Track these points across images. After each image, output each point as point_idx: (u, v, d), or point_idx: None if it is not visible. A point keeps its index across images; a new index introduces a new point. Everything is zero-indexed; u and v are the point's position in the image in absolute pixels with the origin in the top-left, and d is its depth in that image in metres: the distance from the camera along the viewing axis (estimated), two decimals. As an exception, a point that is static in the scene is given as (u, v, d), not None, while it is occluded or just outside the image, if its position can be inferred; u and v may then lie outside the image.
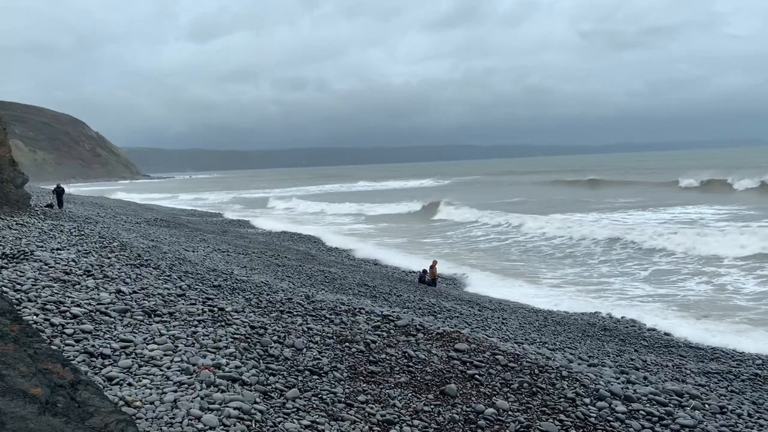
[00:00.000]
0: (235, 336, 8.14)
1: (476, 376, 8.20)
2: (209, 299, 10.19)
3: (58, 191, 28.55)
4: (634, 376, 9.45)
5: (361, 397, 7.03)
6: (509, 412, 7.27)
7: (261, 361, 7.43)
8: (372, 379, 7.68)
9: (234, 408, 5.85)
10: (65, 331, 7.29)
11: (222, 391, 6.23)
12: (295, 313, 10.15)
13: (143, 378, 6.33)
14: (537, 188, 78.61)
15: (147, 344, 7.31)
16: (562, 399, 7.81)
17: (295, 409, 6.35)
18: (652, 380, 9.52)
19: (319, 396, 6.84)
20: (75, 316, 7.89)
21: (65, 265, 11.11)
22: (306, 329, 9.13)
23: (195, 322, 8.53)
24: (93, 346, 6.96)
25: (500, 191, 74.87)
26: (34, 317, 7.57)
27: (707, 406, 8.35)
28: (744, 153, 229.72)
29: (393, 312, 11.55)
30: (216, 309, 9.40)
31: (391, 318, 10.54)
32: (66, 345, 6.90)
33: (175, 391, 6.06)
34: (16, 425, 2.92)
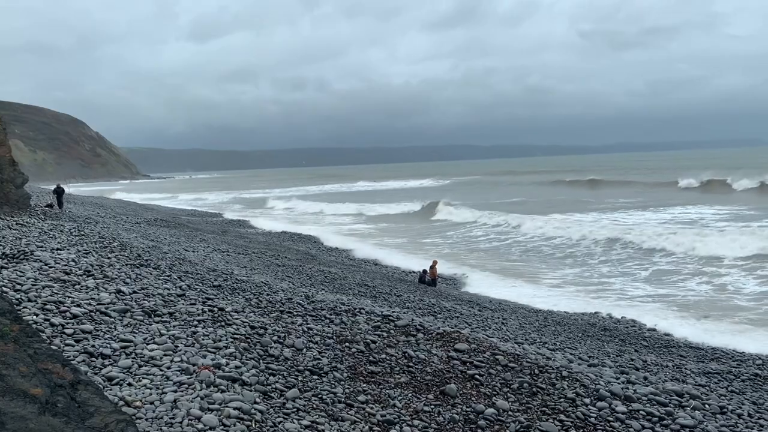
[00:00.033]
0: (235, 336, 8.14)
1: (476, 376, 8.20)
2: (209, 299, 10.19)
3: (58, 191, 28.56)
4: (635, 377, 9.45)
5: (361, 397, 7.03)
6: (509, 412, 7.27)
7: (261, 361, 7.43)
8: (372, 380, 7.68)
9: (234, 408, 5.85)
10: (65, 331, 7.30)
11: (222, 391, 6.23)
12: (295, 313, 10.15)
13: (143, 378, 6.33)
14: (537, 188, 78.63)
15: (147, 344, 7.32)
16: (563, 399, 7.81)
17: (295, 409, 6.35)
18: (653, 380, 9.51)
19: (319, 396, 6.84)
20: (75, 316, 7.89)
21: (65, 265, 11.10)
22: (306, 329, 9.13)
23: (195, 322, 8.53)
24: (93, 346, 6.96)
25: (500, 191, 74.89)
26: (34, 317, 7.57)
27: (707, 407, 8.34)
28: (744, 153, 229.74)
29: (393, 312, 11.55)
30: (216, 309, 9.40)
31: (391, 318, 10.54)
32: (66, 345, 6.90)
33: (175, 391, 6.06)
34: (16, 425, 2.92)
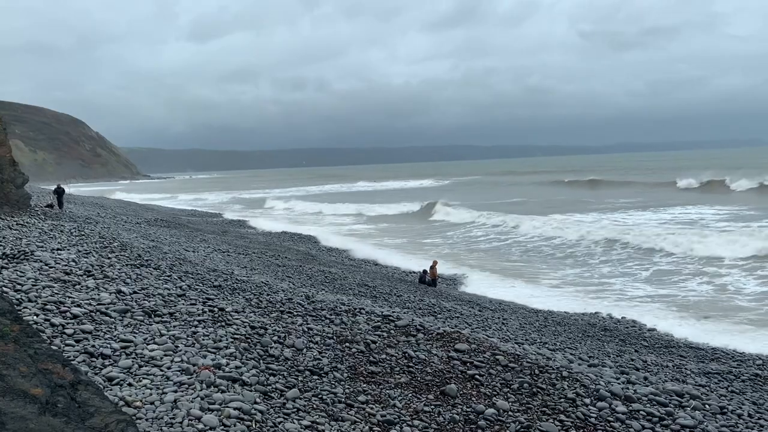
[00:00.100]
0: (236, 336, 8.14)
1: (476, 377, 8.20)
2: (209, 299, 10.19)
3: (59, 191, 28.57)
4: (635, 377, 9.45)
5: (362, 398, 7.03)
6: (509, 413, 7.27)
7: (261, 362, 7.43)
8: (372, 380, 7.68)
9: (234, 408, 5.85)
10: (65, 332, 7.30)
11: (222, 392, 6.23)
12: (296, 314, 10.15)
13: (143, 378, 6.33)
14: (537, 188, 78.66)
15: (147, 344, 7.32)
16: (563, 399, 7.80)
17: (296, 410, 6.35)
18: (653, 380, 9.51)
19: (320, 396, 6.84)
20: (75, 317, 7.90)
21: (65, 266, 11.10)
22: (306, 329, 9.13)
23: (195, 323, 8.53)
24: (93, 347, 6.96)
25: (500, 191, 74.92)
26: (35, 317, 7.57)
27: (707, 407, 8.34)
28: (744, 153, 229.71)
29: (393, 312, 11.55)
30: (216, 309, 9.40)
31: (392, 318, 10.54)
32: (66, 345, 6.90)
33: (176, 392, 6.06)
34: (17, 425, 2.92)
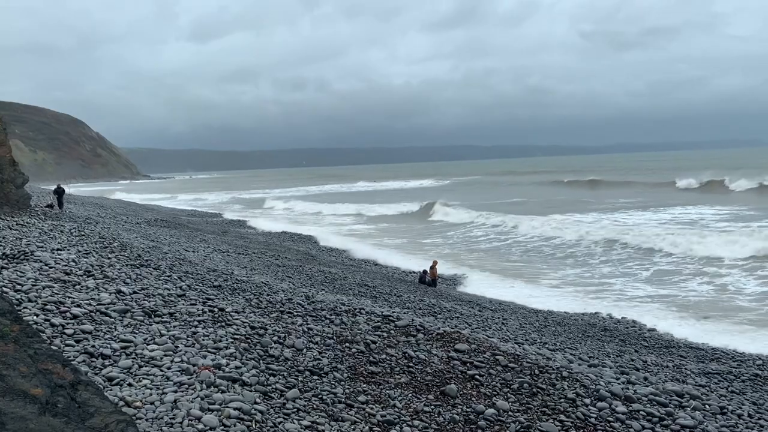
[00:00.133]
0: (236, 336, 8.14)
1: (476, 377, 8.20)
2: (209, 299, 10.19)
3: (59, 192, 28.57)
4: (635, 377, 9.44)
5: (362, 398, 7.03)
6: (509, 413, 7.27)
7: (261, 362, 7.43)
8: (372, 380, 7.68)
9: (234, 408, 5.85)
10: (65, 332, 7.30)
11: (222, 392, 6.23)
12: (296, 314, 10.15)
13: (143, 378, 6.33)
14: (537, 188, 78.67)
15: (147, 344, 7.31)
16: (563, 399, 7.80)
17: (296, 410, 6.35)
18: (653, 381, 9.51)
19: (320, 396, 6.84)
20: (75, 317, 7.90)
21: (65, 266, 11.11)
22: (306, 330, 9.13)
23: (195, 323, 8.53)
24: (93, 347, 6.97)
25: (500, 191, 74.93)
26: (35, 317, 7.57)
27: (707, 407, 8.34)
28: (744, 153, 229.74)
29: (393, 312, 11.55)
30: (216, 309, 9.40)
31: (392, 318, 10.54)
32: (66, 345, 6.90)
33: (176, 392, 6.06)
34: (17, 425, 2.92)
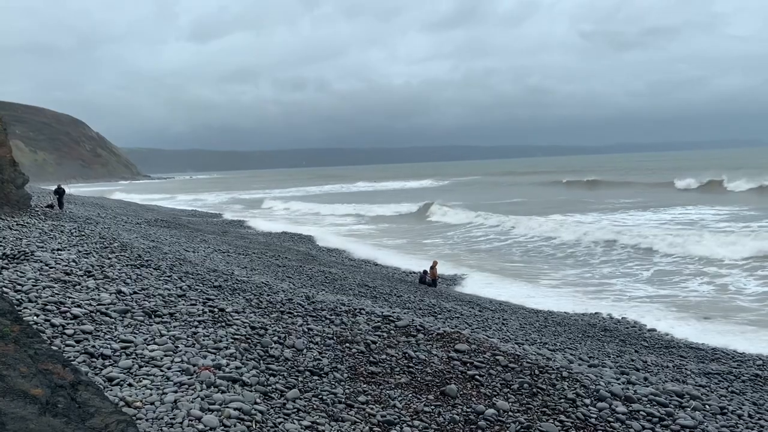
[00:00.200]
0: (236, 336, 8.14)
1: (476, 377, 8.20)
2: (210, 300, 10.19)
3: (59, 192, 28.58)
4: (635, 377, 9.44)
5: (362, 398, 7.03)
6: (509, 413, 7.27)
7: (261, 362, 7.43)
8: (372, 380, 7.68)
9: (234, 408, 5.86)
10: (66, 332, 7.30)
11: (222, 392, 6.23)
12: (296, 314, 10.15)
13: (144, 378, 6.33)
14: (537, 189, 78.70)
15: (147, 345, 7.32)
16: (563, 399, 7.80)
17: (296, 410, 6.35)
18: (653, 381, 9.51)
19: (320, 397, 6.84)
20: (75, 317, 7.90)
21: (66, 266, 11.11)
22: (306, 330, 9.13)
23: (195, 323, 8.54)
24: (93, 347, 6.97)
25: (500, 192, 74.95)
26: (35, 318, 7.57)
27: (708, 407, 8.34)
28: (744, 153, 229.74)
29: (393, 313, 11.55)
30: (216, 309, 9.40)
31: (392, 318, 10.54)
32: (66, 345, 6.90)
33: (176, 392, 6.06)
34: (17, 426, 2.92)
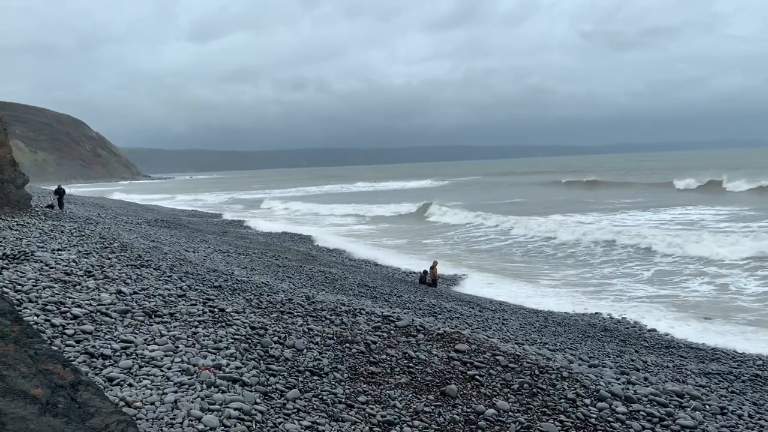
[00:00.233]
0: (236, 337, 8.14)
1: (477, 377, 8.20)
2: (210, 300, 10.19)
3: (59, 192, 28.58)
4: (635, 377, 9.44)
5: (362, 398, 7.03)
6: (510, 413, 7.27)
7: (261, 362, 7.43)
8: (372, 380, 7.68)
9: (234, 409, 5.86)
10: (66, 332, 7.30)
11: (222, 392, 6.23)
12: (296, 314, 10.15)
13: (144, 379, 6.33)
14: (537, 189, 78.71)
15: (147, 345, 7.32)
16: (563, 400, 7.80)
17: (296, 410, 6.35)
18: (653, 381, 9.51)
19: (320, 397, 6.84)
20: (75, 317, 7.90)
21: (66, 266, 11.11)
22: (306, 330, 9.13)
23: (195, 323, 8.54)
24: (93, 347, 6.97)
25: (500, 192, 74.96)
26: (35, 318, 7.57)
27: (708, 407, 8.34)
28: (744, 153, 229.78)
29: (393, 313, 11.55)
30: (216, 310, 9.40)
31: (392, 319, 10.54)
32: (66, 346, 6.90)
33: (176, 392, 6.06)
34: (17, 426, 2.92)
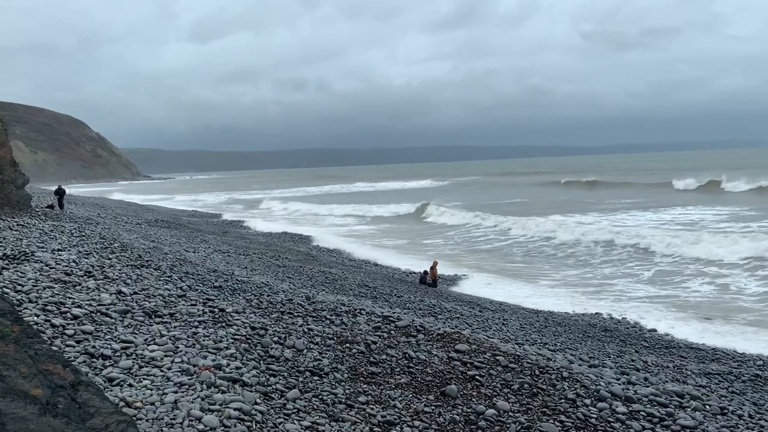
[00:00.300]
0: (236, 337, 8.14)
1: (477, 377, 8.19)
2: (210, 300, 10.19)
3: (60, 192, 28.58)
4: (635, 377, 9.44)
5: (362, 398, 7.03)
6: (510, 413, 7.27)
7: (261, 362, 7.43)
8: (372, 380, 7.68)
9: (234, 409, 5.85)
10: (66, 332, 7.30)
11: (222, 392, 6.23)
12: (296, 314, 10.15)
13: (144, 379, 6.33)
14: (537, 189, 78.73)
15: (148, 345, 7.32)
16: (563, 400, 7.80)
17: (296, 410, 6.35)
18: (653, 381, 9.51)
19: (320, 397, 6.84)
20: (76, 317, 7.90)
21: (66, 266, 11.11)
22: (307, 330, 9.13)
23: (196, 323, 8.54)
24: (94, 347, 6.97)
25: (500, 192, 74.97)
26: (35, 318, 7.57)
27: (708, 407, 8.34)
28: (744, 154, 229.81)
29: (393, 313, 11.55)
30: (217, 310, 9.40)
31: (392, 319, 10.54)
32: (67, 346, 6.90)
33: (176, 392, 6.06)
34: (17, 426, 2.92)
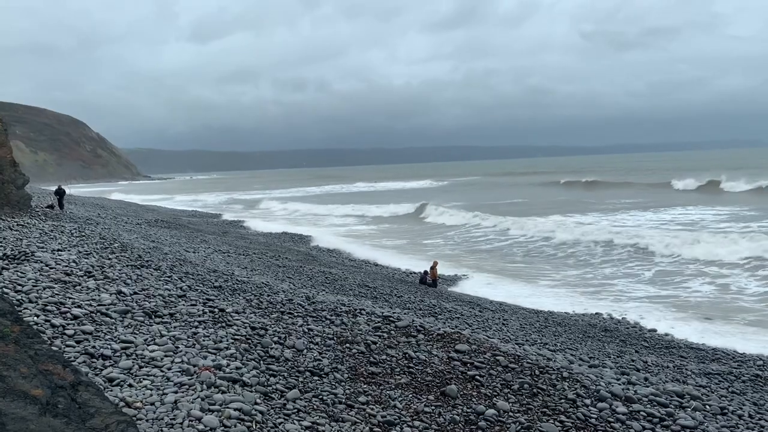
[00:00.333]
0: (236, 337, 8.14)
1: (477, 377, 8.19)
2: (210, 300, 10.19)
3: (60, 192, 28.58)
4: (635, 377, 9.44)
5: (362, 398, 7.03)
6: (510, 413, 7.27)
7: (262, 362, 7.43)
8: (372, 380, 7.68)
9: (234, 409, 5.85)
10: (66, 332, 7.30)
11: (222, 392, 6.23)
12: (296, 314, 10.15)
13: (144, 379, 6.33)
14: (537, 189, 78.73)
15: (148, 345, 7.32)
16: (563, 400, 7.80)
17: (296, 410, 6.35)
18: (653, 381, 9.51)
19: (320, 397, 6.84)
20: (76, 317, 7.90)
21: (66, 266, 11.10)
22: (307, 330, 9.13)
23: (196, 323, 8.54)
24: (94, 347, 6.97)
25: (500, 192, 74.98)
26: (35, 318, 7.57)
27: (708, 407, 8.33)
28: (744, 154, 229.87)
29: (393, 313, 11.55)
30: (217, 310, 9.40)
31: (392, 319, 10.54)
32: (67, 346, 6.90)
33: (176, 392, 6.06)
34: (17, 426, 2.92)
